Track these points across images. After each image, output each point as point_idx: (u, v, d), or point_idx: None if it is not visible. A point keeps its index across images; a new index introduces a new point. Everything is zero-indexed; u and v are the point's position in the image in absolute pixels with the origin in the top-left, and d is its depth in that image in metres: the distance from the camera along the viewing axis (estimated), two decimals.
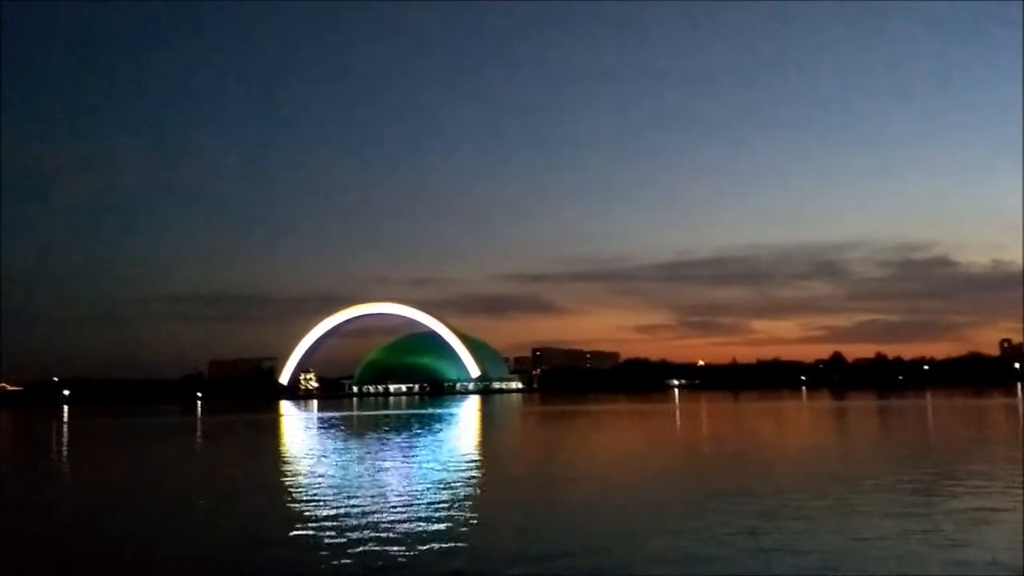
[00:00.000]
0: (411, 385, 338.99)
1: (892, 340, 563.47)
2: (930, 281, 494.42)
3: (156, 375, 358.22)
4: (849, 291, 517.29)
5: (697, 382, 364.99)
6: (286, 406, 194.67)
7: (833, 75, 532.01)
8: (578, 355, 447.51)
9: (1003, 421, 73.61)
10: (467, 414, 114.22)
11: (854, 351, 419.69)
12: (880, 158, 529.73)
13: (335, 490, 29.98)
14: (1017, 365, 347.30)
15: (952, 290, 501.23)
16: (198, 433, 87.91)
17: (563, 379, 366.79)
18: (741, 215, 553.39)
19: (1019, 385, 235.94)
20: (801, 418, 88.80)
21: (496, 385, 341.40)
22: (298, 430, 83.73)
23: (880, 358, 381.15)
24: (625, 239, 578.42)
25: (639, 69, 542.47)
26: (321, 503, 26.73)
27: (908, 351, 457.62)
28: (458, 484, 31.49)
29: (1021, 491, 26.19)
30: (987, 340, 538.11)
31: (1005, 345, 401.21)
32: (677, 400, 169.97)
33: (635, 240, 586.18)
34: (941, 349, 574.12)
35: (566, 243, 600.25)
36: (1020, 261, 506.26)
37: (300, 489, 31.09)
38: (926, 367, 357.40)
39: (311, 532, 21.72)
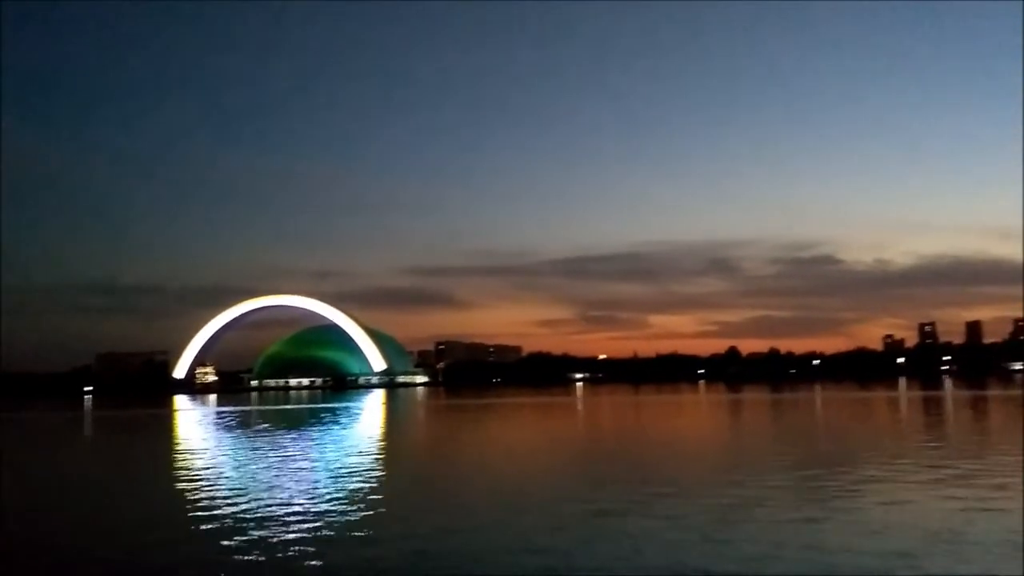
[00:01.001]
0: (313, 379, 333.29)
1: (783, 335, 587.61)
2: (817, 279, 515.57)
3: (39, 368, 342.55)
4: (742, 288, 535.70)
5: (599, 376, 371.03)
6: (181, 401, 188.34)
7: (723, 77, 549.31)
8: (481, 349, 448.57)
9: (886, 413, 77.01)
10: (371, 408, 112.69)
11: (748, 346, 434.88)
12: (770, 159, 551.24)
13: (229, 489, 28.76)
14: (900, 360, 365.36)
15: (838, 288, 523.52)
16: (84, 430, 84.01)
17: (468, 373, 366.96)
18: (640, 213, 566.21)
19: (902, 379, 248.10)
20: (699, 411, 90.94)
21: (401, 379, 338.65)
22: (193, 426, 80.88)
23: (773, 352, 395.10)
24: (527, 234, 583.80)
25: (540, 66, 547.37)
26: (214, 503, 25.57)
27: (799, 346, 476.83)
28: (358, 480, 30.72)
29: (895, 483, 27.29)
30: (871, 336, 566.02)
31: (888, 340, 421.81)
32: (580, 394, 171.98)
33: (537, 235, 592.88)
34: (829, 344, 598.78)
35: (469, 237, 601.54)
36: (900, 260, 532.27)
37: (190, 489, 29.67)
38: (816, 361, 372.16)
39: (203, 533, 20.67)
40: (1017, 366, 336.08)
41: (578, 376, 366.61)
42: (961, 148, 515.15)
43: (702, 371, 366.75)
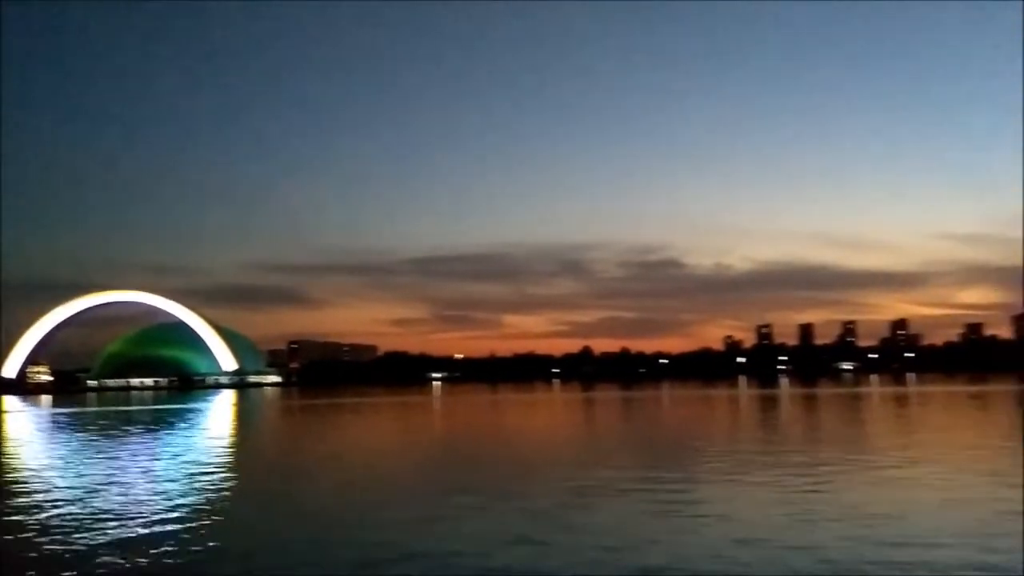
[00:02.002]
0: (158, 379, 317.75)
1: (632, 336, 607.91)
2: (662, 281, 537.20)
3: None
4: (592, 289, 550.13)
5: (457, 375, 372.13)
6: (10, 402, 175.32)
7: (574, 80, 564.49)
8: (336, 348, 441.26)
9: (726, 409, 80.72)
10: (219, 409, 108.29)
11: (600, 345, 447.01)
12: (620, 165, 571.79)
13: (60, 496, 26.75)
14: (741, 359, 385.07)
15: (682, 290, 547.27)
16: None
17: (322, 372, 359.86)
18: (495, 214, 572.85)
19: (742, 378, 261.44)
20: (553, 409, 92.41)
21: (252, 379, 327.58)
22: (18, 428, 75.20)
23: (624, 352, 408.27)
24: (383, 232, 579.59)
25: (393, 63, 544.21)
26: (43, 510, 23.68)
27: (647, 346, 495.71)
28: (200, 485, 29.21)
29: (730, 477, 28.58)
30: (713, 336, 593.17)
31: (729, 341, 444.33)
32: (438, 393, 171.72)
33: (393, 234, 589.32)
34: (675, 344, 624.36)
35: (323, 234, 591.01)
36: (739, 265, 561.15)
37: (17, 497, 27.37)
38: (664, 361, 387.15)
39: (30, 543, 19.07)
40: (846, 366, 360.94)
41: (436, 375, 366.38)
42: (795, 158, 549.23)
43: (557, 370, 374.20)
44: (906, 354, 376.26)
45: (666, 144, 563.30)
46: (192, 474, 32.37)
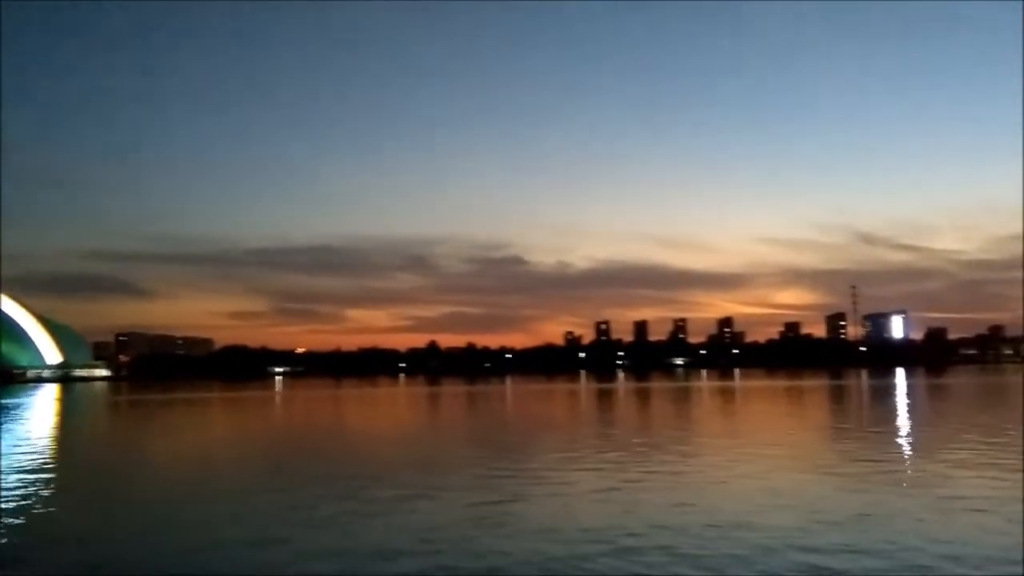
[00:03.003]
0: None
1: (477, 331, 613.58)
2: (506, 278, 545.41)
3: None
4: (437, 284, 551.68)
5: (300, 369, 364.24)
6: None
7: (419, 77, 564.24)
8: (169, 341, 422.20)
9: (566, 402, 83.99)
10: (40, 405, 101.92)
11: (445, 340, 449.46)
12: (466, 162, 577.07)
13: None
14: (581, 355, 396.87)
15: (524, 287, 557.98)
16: None
17: (154, 366, 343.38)
18: (337, 206, 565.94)
19: (582, 373, 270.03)
20: (396, 404, 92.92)
21: (79, 373, 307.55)
22: None
23: (470, 347, 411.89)
24: (220, 222, 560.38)
25: (252, 48, 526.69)
26: None
27: (491, 341, 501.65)
28: (13, 489, 27.86)
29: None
30: (554, 332, 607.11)
31: (569, 337, 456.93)
32: (279, 388, 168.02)
33: (230, 223, 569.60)
34: (517, 340, 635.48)
35: (155, 221, 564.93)
36: (579, 264, 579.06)
37: None
38: (508, 356, 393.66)
39: None
40: (678, 361, 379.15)
41: (277, 370, 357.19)
42: (635, 162, 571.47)
43: (403, 365, 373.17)
44: (732, 351, 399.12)
45: (513, 143, 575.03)
46: (16, 477, 31.07)
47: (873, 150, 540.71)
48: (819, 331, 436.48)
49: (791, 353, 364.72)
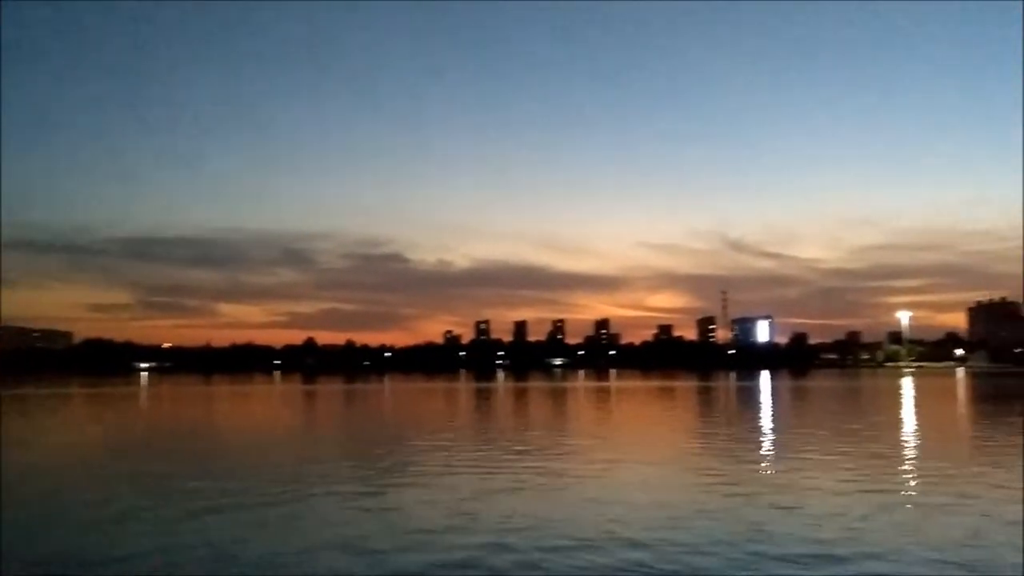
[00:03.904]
0: None
1: (355, 328, 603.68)
2: (386, 275, 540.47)
3: None
4: (314, 280, 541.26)
5: (168, 365, 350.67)
6: None
7: (302, 68, 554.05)
8: (24, 334, 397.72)
9: (443, 402, 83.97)
10: None
11: (323, 337, 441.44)
12: (346, 156, 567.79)
13: None
14: (462, 354, 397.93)
15: (404, 284, 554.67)
16: None
17: (7, 360, 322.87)
18: (210, 197, 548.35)
19: (463, 372, 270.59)
20: (268, 402, 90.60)
21: None
22: None
23: (349, 345, 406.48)
24: (81, 209, 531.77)
25: (127, 42, 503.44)
26: None
27: (371, 339, 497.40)
28: None
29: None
30: (434, 331, 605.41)
31: (448, 336, 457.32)
32: (144, 384, 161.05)
33: (92, 211, 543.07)
34: (397, 338, 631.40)
35: (10, 207, 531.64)
36: (460, 263, 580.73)
37: None
38: (388, 354, 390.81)
39: None
40: (557, 361, 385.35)
41: (143, 365, 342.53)
42: (516, 163, 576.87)
43: (278, 362, 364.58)
44: (609, 352, 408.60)
45: (396, 140, 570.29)
46: None
47: (745, 160, 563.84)
48: (690, 334, 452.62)
49: (664, 355, 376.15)
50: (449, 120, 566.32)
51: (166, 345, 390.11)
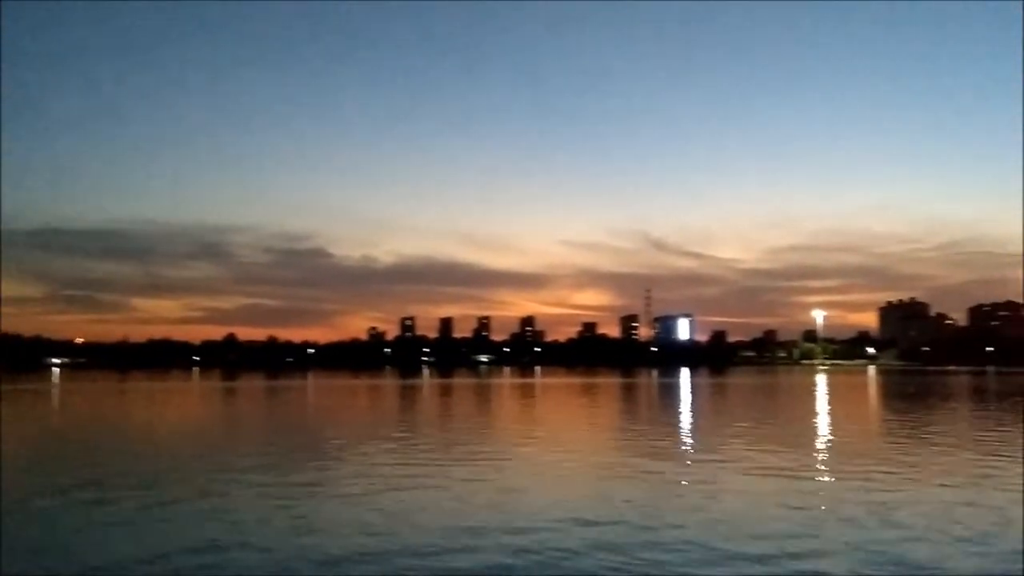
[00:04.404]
0: None
1: (277, 324, 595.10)
2: (309, 270, 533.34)
3: None
4: (234, 274, 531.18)
5: (82, 361, 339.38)
6: None
7: (222, 57, 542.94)
8: None
9: (366, 398, 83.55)
10: None
11: (244, 333, 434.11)
12: (268, 148, 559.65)
13: None
14: (387, 350, 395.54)
15: (328, 280, 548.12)
16: None
17: None
18: (123, 187, 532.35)
19: (388, 368, 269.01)
20: (185, 398, 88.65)
21: None
22: None
23: (271, 341, 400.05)
24: None
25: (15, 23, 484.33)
26: None
27: (293, 335, 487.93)
28: None
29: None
30: (358, 327, 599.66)
31: (373, 332, 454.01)
32: (56, 380, 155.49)
33: (2, 201, 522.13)
34: (320, 334, 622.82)
35: None
36: (384, 258, 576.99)
37: None
38: (311, 350, 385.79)
39: None
40: (483, 358, 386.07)
41: (56, 361, 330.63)
42: (442, 158, 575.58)
43: (198, 358, 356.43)
44: (534, 349, 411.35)
45: (321, 132, 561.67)
46: None
47: (666, 160, 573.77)
48: (614, 331, 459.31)
49: (588, 352, 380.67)
50: (373, 114, 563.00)
51: (79, 340, 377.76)
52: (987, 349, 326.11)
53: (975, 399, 77.58)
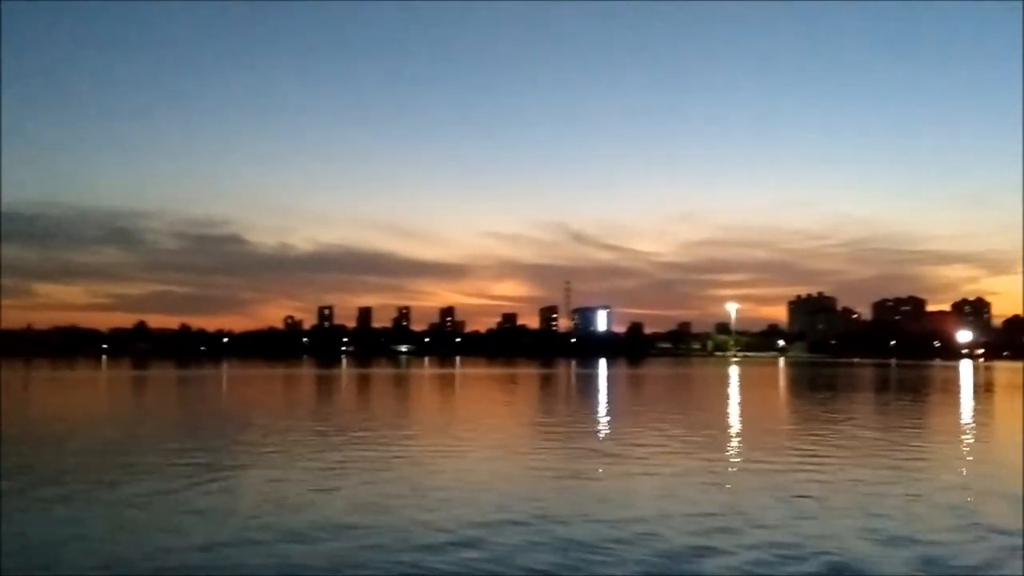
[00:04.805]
0: None
1: (190, 312, 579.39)
2: (223, 257, 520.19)
3: None
4: (144, 260, 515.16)
5: None
6: None
7: (134, 42, 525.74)
8: None
9: (281, 388, 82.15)
10: None
11: (154, 321, 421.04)
12: (189, 130, 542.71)
13: None
14: (305, 340, 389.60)
15: (243, 267, 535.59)
16: None
17: None
18: (28, 169, 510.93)
19: (306, 358, 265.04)
20: (90, 388, 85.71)
21: None
22: None
23: (184, 329, 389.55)
24: None
25: None
26: None
27: (207, 323, 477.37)
28: None
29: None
30: (274, 316, 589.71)
31: (289, 321, 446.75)
32: None
33: None
34: (235, 323, 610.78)
35: None
36: (302, 246, 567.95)
37: None
38: (226, 339, 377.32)
39: None
40: (403, 348, 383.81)
41: None
42: (362, 145, 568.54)
43: (106, 346, 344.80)
44: (455, 339, 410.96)
45: (237, 116, 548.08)
46: None
47: (586, 153, 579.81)
48: (534, 322, 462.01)
49: (508, 343, 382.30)
50: (293, 100, 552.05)
51: None
52: (891, 343, 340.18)
53: (879, 390, 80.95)
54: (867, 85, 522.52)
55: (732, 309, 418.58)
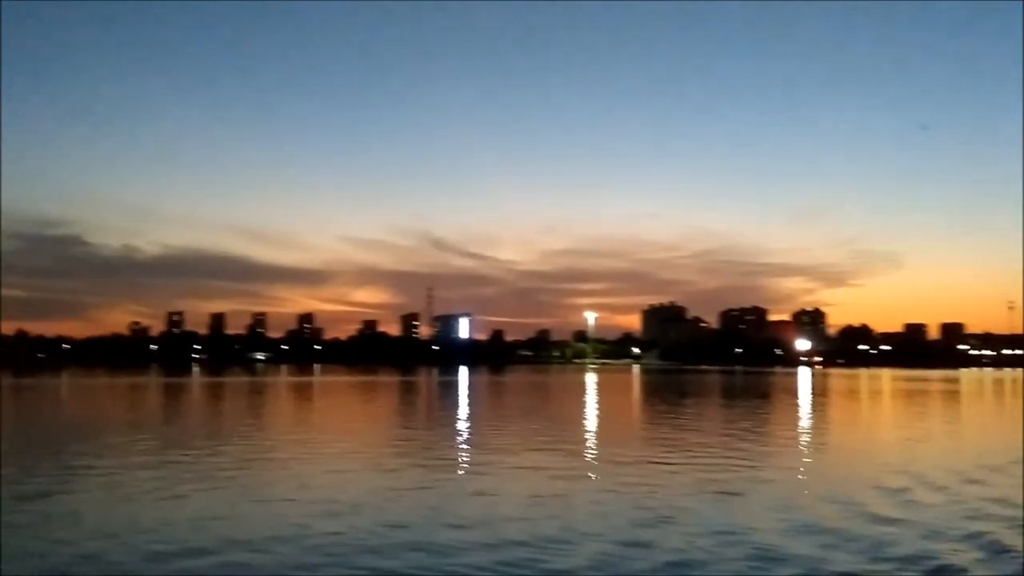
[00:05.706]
0: None
1: (25, 317, 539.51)
2: (62, 260, 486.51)
3: None
4: None
5: None
6: None
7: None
8: None
9: (124, 399, 78.77)
10: None
11: None
12: (25, 123, 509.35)
13: None
14: (153, 347, 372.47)
15: (83, 270, 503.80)
16: None
17: None
18: None
19: (154, 366, 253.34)
20: None
21: None
22: None
23: (20, 335, 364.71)
24: None
25: None
26: None
27: (45, 329, 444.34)
28: None
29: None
30: (118, 322, 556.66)
31: (135, 327, 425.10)
32: None
33: None
34: (77, 328, 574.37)
35: None
36: (148, 249, 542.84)
37: None
38: (66, 346, 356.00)
39: None
40: (259, 356, 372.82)
41: None
42: (212, 148, 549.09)
43: None
44: (314, 346, 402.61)
45: (80, 110, 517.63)
46: None
47: (448, 160, 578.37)
48: (395, 329, 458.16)
49: (369, 350, 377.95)
50: (142, 97, 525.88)
51: None
52: (736, 350, 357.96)
53: (724, 395, 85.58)
54: (716, 101, 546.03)
55: (590, 317, 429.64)
